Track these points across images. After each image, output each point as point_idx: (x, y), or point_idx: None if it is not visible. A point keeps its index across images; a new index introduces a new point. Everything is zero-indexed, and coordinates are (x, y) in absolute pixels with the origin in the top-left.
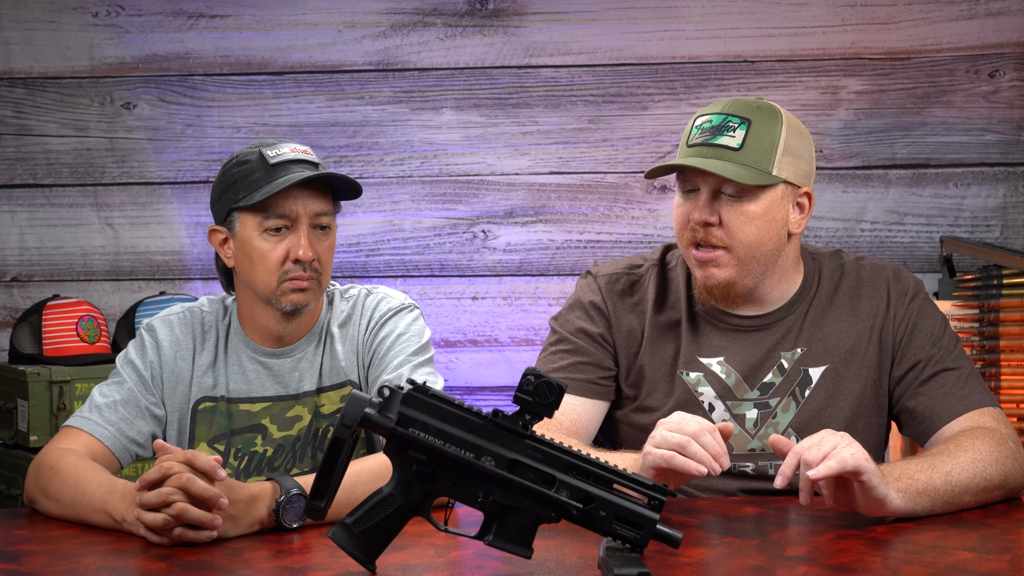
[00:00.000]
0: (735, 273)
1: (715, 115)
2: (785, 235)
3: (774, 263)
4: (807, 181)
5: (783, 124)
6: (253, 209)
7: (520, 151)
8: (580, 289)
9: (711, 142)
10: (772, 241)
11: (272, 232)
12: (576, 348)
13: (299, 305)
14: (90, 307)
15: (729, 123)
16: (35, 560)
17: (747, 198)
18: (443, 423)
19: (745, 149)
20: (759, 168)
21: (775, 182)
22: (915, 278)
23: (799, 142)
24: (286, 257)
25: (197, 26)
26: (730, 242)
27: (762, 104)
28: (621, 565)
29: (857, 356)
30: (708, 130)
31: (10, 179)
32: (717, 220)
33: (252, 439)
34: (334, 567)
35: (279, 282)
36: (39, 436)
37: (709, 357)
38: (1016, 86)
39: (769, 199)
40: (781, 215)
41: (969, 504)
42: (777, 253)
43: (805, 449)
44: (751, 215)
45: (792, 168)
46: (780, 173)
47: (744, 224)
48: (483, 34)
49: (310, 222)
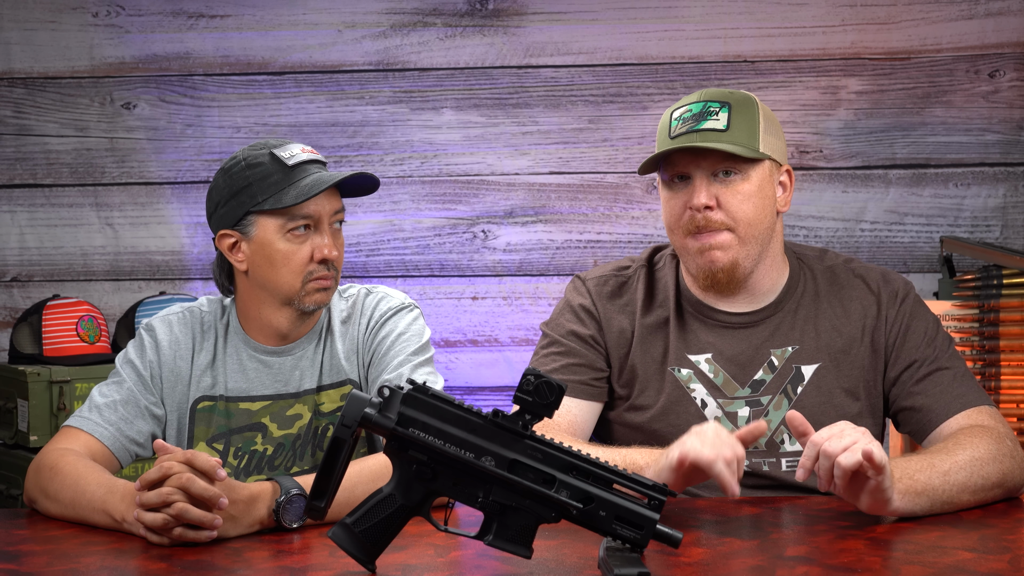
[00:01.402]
0: (738, 254)
1: (693, 104)
2: (775, 213)
3: (767, 245)
4: (785, 160)
5: (758, 107)
6: (274, 211)
7: (520, 151)
8: (569, 293)
9: (697, 128)
10: (767, 218)
11: (296, 233)
12: (568, 350)
13: (322, 304)
14: (90, 307)
15: (710, 108)
16: (35, 560)
17: (740, 177)
18: (443, 423)
19: (732, 129)
20: (748, 146)
21: (764, 157)
22: (904, 279)
23: (773, 124)
24: (311, 258)
25: (197, 26)
26: (731, 222)
27: (734, 91)
28: (621, 565)
29: (849, 356)
30: (690, 119)
31: (10, 179)
32: (715, 203)
33: (252, 438)
34: (334, 567)
35: (304, 283)
36: (39, 436)
37: (697, 354)
38: (1016, 86)
39: (760, 176)
40: (771, 192)
41: (968, 503)
42: (771, 232)
43: (825, 439)
44: (747, 193)
45: (773, 146)
46: (766, 150)
47: (742, 202)
48: (483, 34)
49: (329, 220)
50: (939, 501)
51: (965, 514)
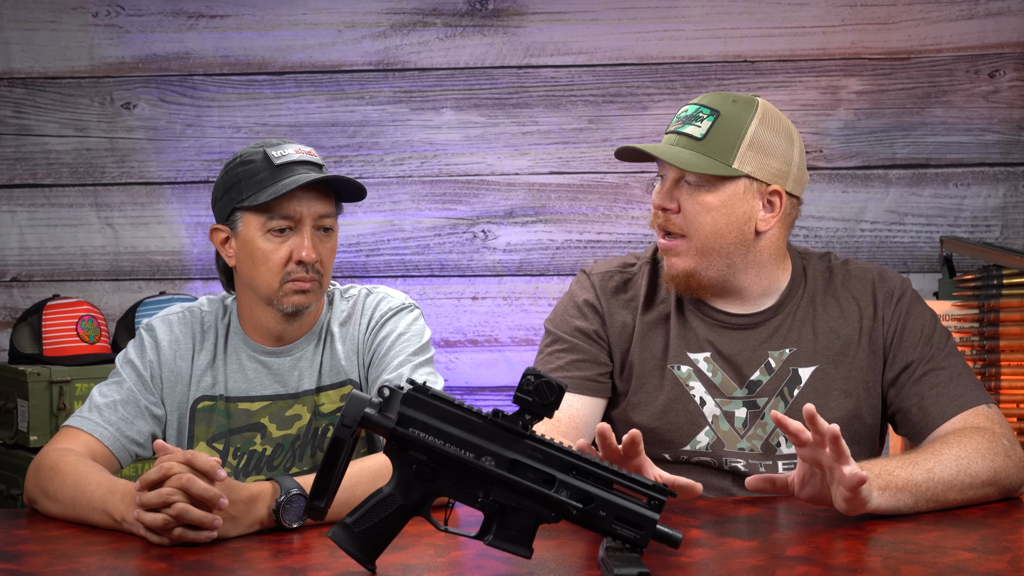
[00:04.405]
0: (694, 263)
1: (692, 105)
2: (751, 231)
3: (742, 258)
4: (779, 180)
5: (755, 119)
6: (257, 209)
7: (520, 151)
8: (574, 287)
9: (679, 130)
10: (732, 235)
11: (276, 233)
12: (572, 347)
13: (300, 307)
14: (90, 307)
15: (700, 114)
16: (35, 560)
17: (706, 188)
18: (443, 423)
19: (707, 140)
20: (717, 160)
21: (734, 175)
22: (901, 278)
23: (773, 140)
24: (289, 258)
25: (197, 26)
26: (687, 230)
27: (740, 99)
28: (621, 565)
29: (847, 357)
30: (682, 119)
31: (10, 179)
32: (676, 207)
33: (251, 438)
34: (334, 567)
35: (281, 283)
36: (39, 436)
37: (696, 352)
38: (1016, 86)
39: (729, 192)
40: (743, 210)
41: (957, 501)
42: (742, 248)
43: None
44: (707, 205)
45: (757, 164)
46: (741, 167)
47: (700, 214)
48: (483, 34)
49: (313, 224)
50: (924, 498)
51: (965, 514)
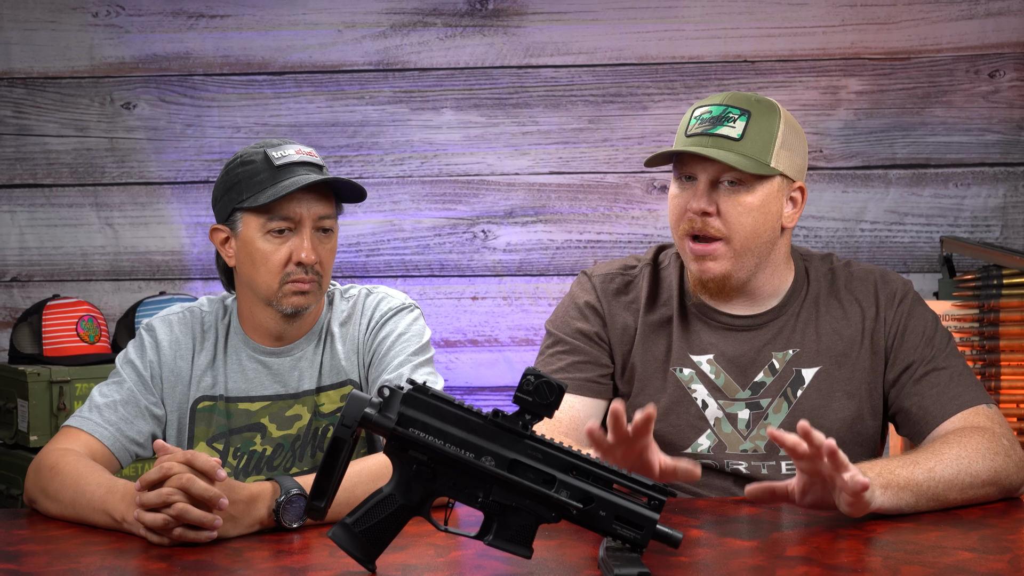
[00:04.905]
0: (731, 266)
1: (715, 106)
2: (779, 228)
3: (767, 257)
4: (801, 176)
5: (781, 119)
6: (257, 210)
7: (520, 151)
8: (575, 289)
9: (711, 132)
10: (767, 233)
11: (275, 234)
12: (573, 348)
13: (300, 308)
14: (90, 307)
15: (729, 114)
16: (35, 560)
17: (745, 189)
18: (443, 423)
19: (745, 140)
20: (758, 159)
21: (773, 174)
22: (903, 279)
23: (794, 138)
24: (288, 259)
25: (197, 26)
26: (728, 233)
27: (760, 98)
28: (621, 565)
29: (850, 358)
30: (708, 120)
31: (10, 179)
32: (715, 210)
33: (251, 438)
34: (334, 567)
35: (280, 284)
36: (39, 436)
37: (699, 355)
38: (1016, 86)
39: (766, 191)
40: (776, 208)
41: (957, 501)
42: (771, 246)
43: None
44: (749, 206)
45: (788, 162)
46: (778, 166)
47: (742, 215)
48: (483, 34)
49: (313, 225)
50: (924, 497)
51: (965, 514)
